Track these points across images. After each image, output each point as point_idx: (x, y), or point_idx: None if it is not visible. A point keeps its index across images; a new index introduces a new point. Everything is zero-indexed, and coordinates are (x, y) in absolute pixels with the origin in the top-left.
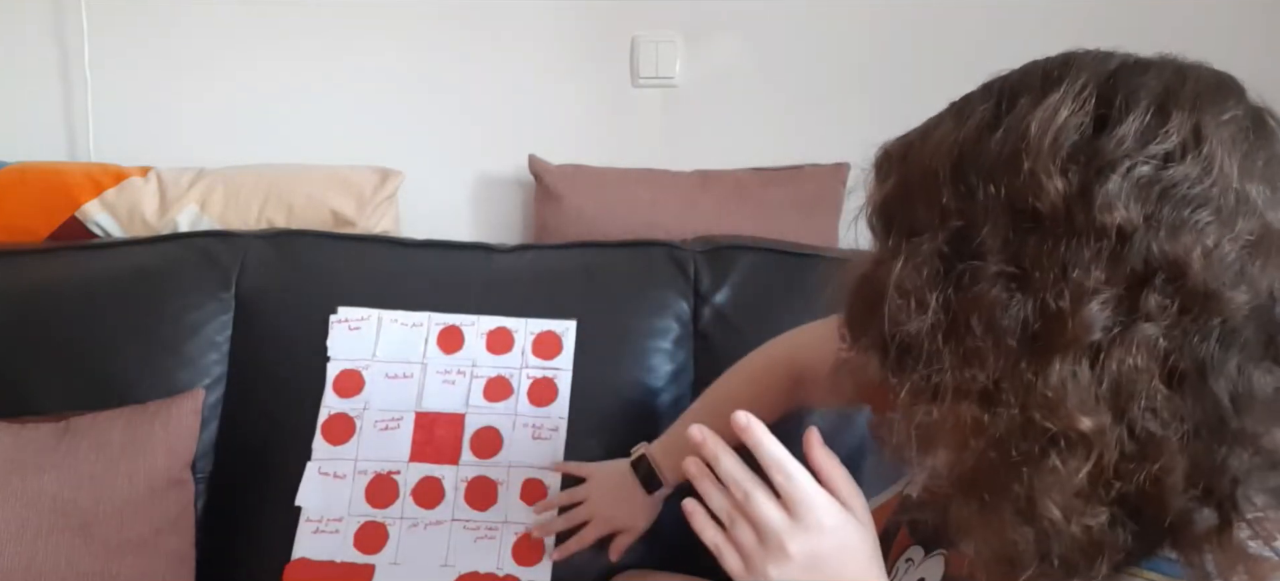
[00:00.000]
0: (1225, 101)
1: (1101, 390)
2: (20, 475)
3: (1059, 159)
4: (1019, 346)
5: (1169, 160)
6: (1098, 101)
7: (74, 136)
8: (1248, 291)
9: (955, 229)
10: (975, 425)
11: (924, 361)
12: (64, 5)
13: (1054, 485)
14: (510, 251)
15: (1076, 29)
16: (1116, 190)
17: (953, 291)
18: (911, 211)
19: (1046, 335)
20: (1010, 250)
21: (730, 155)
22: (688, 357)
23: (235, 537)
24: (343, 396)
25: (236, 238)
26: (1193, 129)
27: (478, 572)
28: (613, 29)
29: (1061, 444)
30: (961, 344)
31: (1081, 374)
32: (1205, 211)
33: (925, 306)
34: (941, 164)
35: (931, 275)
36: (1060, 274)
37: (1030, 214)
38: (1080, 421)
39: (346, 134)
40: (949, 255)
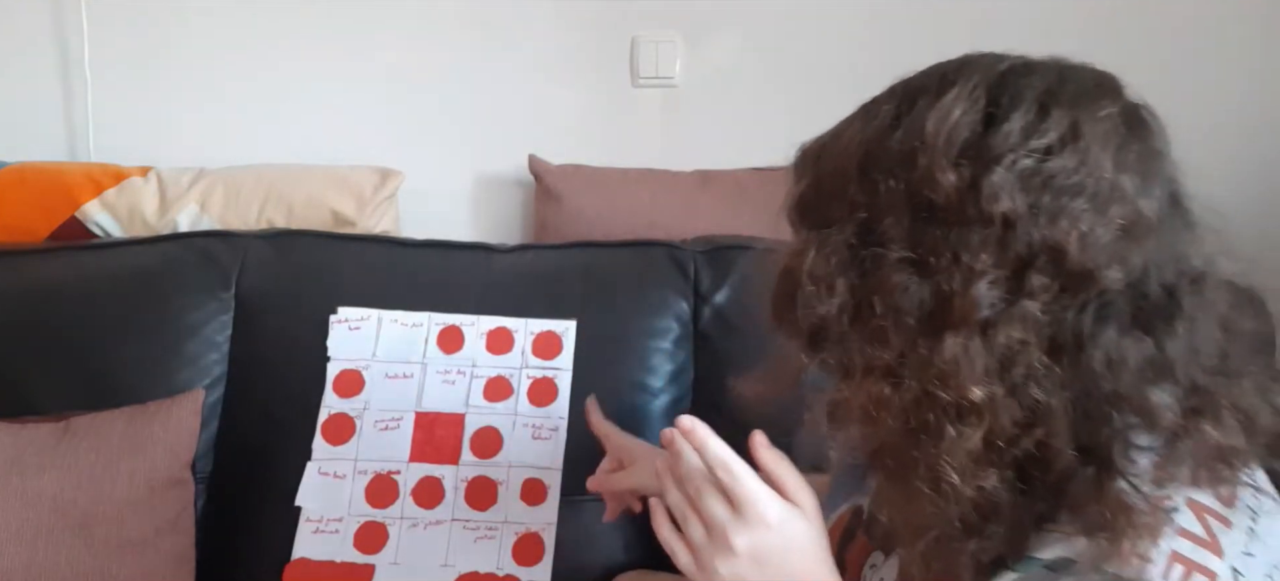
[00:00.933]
0: (1101, 100)
1: (990, 363)
2: (20, 475)
3: (952, 154)
4: (917, 325)
5: (1049, 153)
6: (987, 101)
7: (74, 136)
8: (1121, 270)
9: (861, 220)
10: (881, 400)
11: (834, 342)
12: (64, 5)
13: (951, 452)
14: (510, 251)
15: (1075, 29)
16: (1002, 182)
17: (857, 277)
18: (823, 206)
19: (940, 314)
20: (910, 238)
21: (730, 155)
22: (688, 358)
23: (235, 537)
24: (343, 396)
25: (236, 238)
26: (1071, 125)
27: (478, 572)
28: (613, 29)
29: (956, 413)
30: (867, 325)
31: (973, 348)
32: (1081, 199)
33: (834, 291)
34: (849, 161)
35: (839, 263)
36: (953, 259)
37: (926, 205)
38: (972, 392)
39: (346, 134)
40: (855, 244)
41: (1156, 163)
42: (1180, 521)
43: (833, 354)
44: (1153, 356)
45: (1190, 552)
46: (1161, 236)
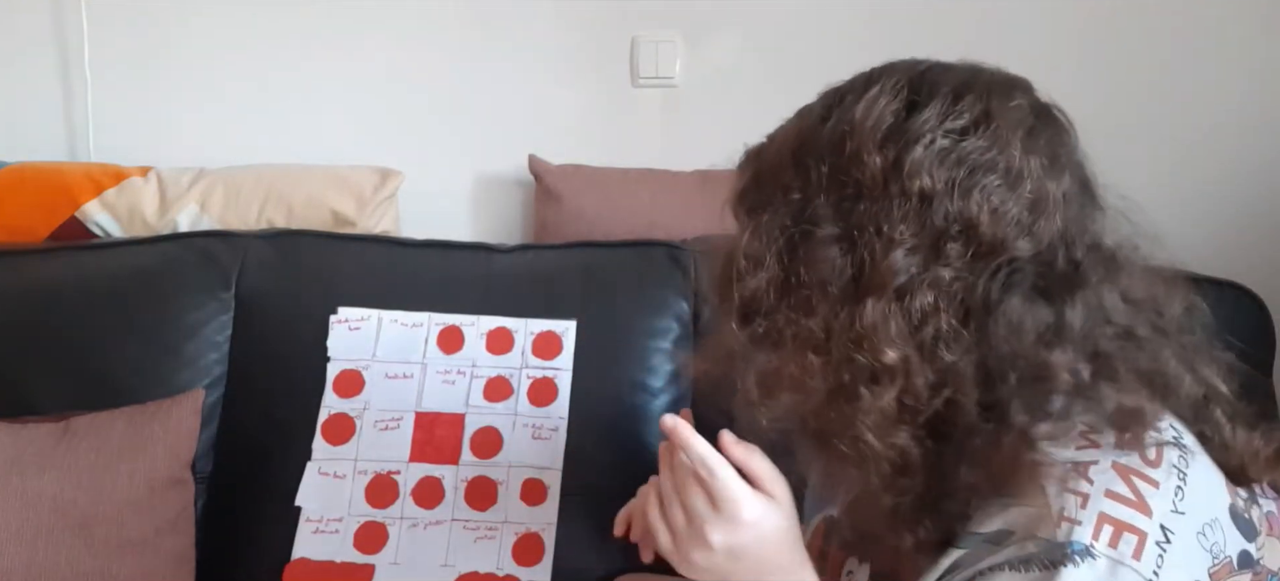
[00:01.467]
0: (1012, 93)
1: (904, 326)
2: (20, 475)
3: (877, 139)
4: (840, 294)
5: (964, 134)
6: (908, 92)
7: (74, 136)
8: (1028, 242)
9: (794, 202)
10: (808, 368)
11: (764, 313)
12: (64, 5)
13: (867, 412)
14: (510, 251)
15: (1076, 30)
16: (921, 160)
17: (788, 254)
18: (761, 194)
19: (862, 281)
20: (837, 216)
21: (730, 155)
22: (688, 358)
23: (235, 537)
24: (343, 396)
25: (236, 238)
26: (983, 111)
27: (478, 572)
28: (613, 29)
29: (872, 376)
30: (795, 297)
31: (890, 312)
32: (993, 176)
33: (765, 267)
34: (784, 152)
35: (771, 241)
36: (875, 232)
37: (853, 185)
38: (887, 354)
39: (346, 134)
40: (788, 225)
41: (1064, 149)
42: (1106, 484)
43: (764, 326)
44: (1052, 322)
45: (1118, 513)
46: (1069, 215)
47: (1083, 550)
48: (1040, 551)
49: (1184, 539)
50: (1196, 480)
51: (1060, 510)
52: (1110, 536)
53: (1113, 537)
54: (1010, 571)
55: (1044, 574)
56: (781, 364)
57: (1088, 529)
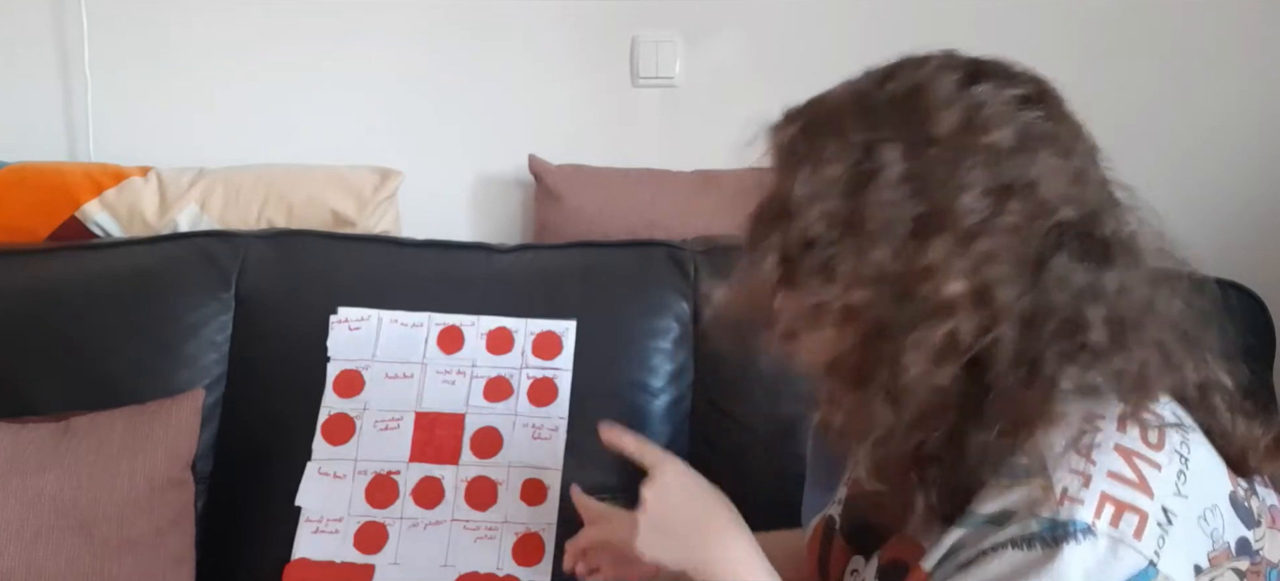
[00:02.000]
0: (1051, 85)
1: (967, 265)
2: (20, 475)
3: (945, 96)
4: (907, 232)
5: (1023, 104)
6: (961, 70)
7: (74, 136)
8: (1075, 209)
9: (859, 143)
10: (862, 302)
11: (824, 246)
12: (64, 5)
13: (918, 347)
14: (510, 251)
15: (1075, 29)
16: (991, 118)
17: (849, 189)
18: (814, 141)
19: (931, 222)
20: (908, 159)
21: (730, 155)
22: (688, 357)
23: (235, 537)
24: (343, 396)
25: (236, 238)
26: (1037, 89)
27: (478, 573)
28: (613, 29)
29: (931, 311)
30: (860, 234)
31: (954, 252)
32: (1049, 145)
33: (822, 201)
34: (845, 106)
35: (831, 180)
36: (947, 177)
37: (925, 136)
38: (949, 288)
39: (346, 134)
40: (854, 164)
41: (1092, 142)
42: (1109, 464)
43: (816, 261)
44: (1093, 282)
45: (1120, 493)
46: (1102, 195)
47: (1084, 528)
48: (1042, 529)
49: (1185, 521)
50: (1198, 465)
51: (1063, 489)
52: (1112, 515)
53: (1114, 517)
54: (1013, 549)
55: (1046, 551)
56: (830, 299)
57: (1089, 507)
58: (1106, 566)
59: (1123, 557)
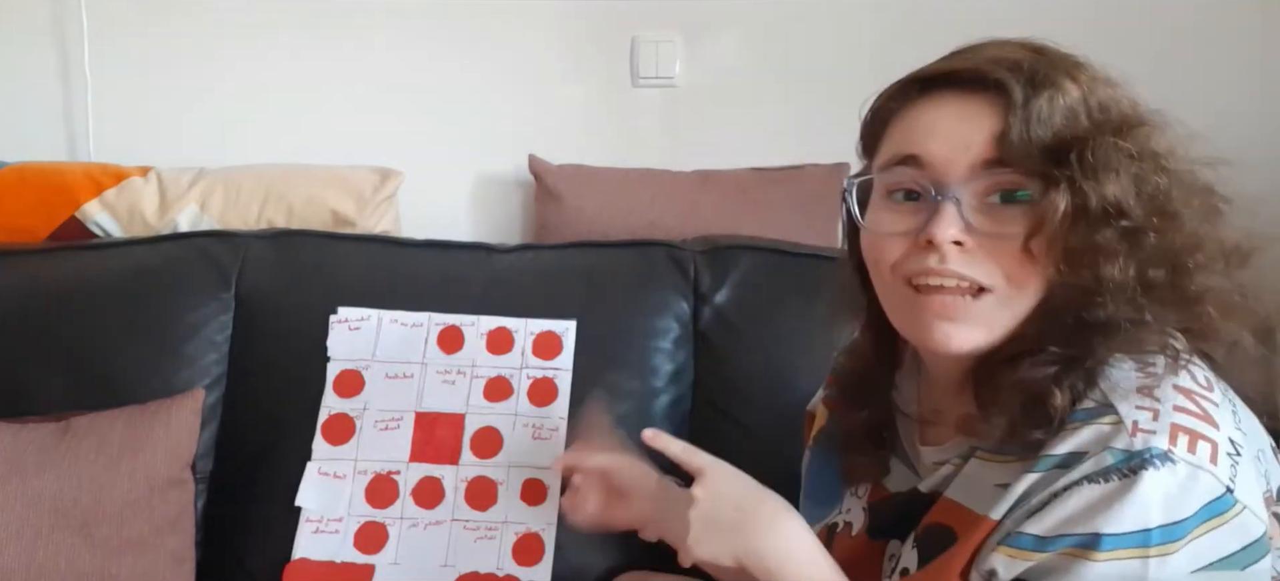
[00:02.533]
0: None
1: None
2: (20, 475)
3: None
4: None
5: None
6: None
7: (74, 136)
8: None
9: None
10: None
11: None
12: (64, 5)
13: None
14: (510, 251)
15: (1074, 30)
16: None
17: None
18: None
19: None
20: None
21: (730, 155)
22: (688, 357)
23: (235, 537)
24: (343, 396)
25: (236, 238)
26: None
27: (478, 572)
28: (613, 29)
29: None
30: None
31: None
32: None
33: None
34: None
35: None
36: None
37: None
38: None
39: (346, 134)
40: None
41: None
42: (1174, 400)
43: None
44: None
45: (1189, 424)
46: None
47: (1161, 454)
48: (1117, 461)
49: (1249, 456)
50: (1243, 410)
51: (1134, 422)
52: (1187, 443)
53: (1190, 444)
54: (1089, 485)
55: (1124, 481)
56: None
57: (1163, 436)
58: (1187, 491)
59: (1202, 482)
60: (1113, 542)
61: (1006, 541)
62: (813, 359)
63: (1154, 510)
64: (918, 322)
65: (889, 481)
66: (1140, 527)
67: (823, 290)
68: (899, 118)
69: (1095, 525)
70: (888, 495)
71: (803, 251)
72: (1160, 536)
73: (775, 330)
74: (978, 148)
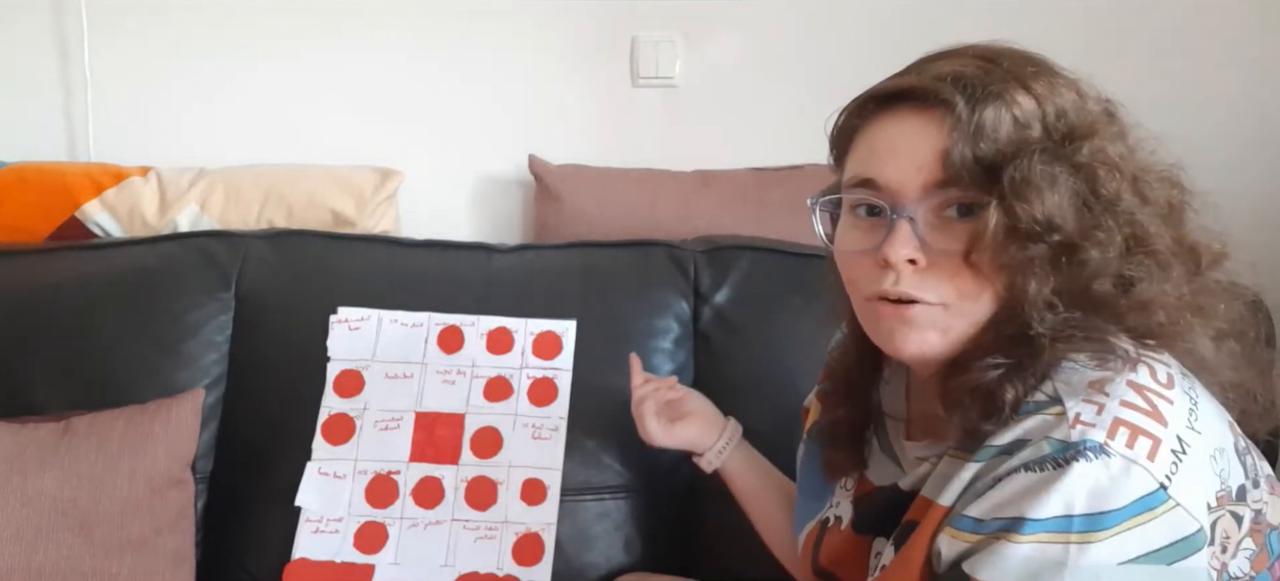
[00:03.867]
0: None
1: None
2: (20, 475)
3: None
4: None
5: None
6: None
7: (74, 136)
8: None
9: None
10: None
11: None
12: (64, 5)
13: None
14: (510, 251)
15: (1074, 30)
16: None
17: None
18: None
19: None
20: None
21: (730, 155)
22: (688, 357)
23: (235, 537)
24: (343, 396)
25: (236, 238)
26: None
27: (478, 573)
28: (613, 29)
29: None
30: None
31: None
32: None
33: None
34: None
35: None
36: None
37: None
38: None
39: (346, 134)
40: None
41: None
42: (1122, 395)
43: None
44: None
45: (1134, 419)
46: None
47: (1097, 447)
48: (1053, 450)
49: (1198, 455)
50: (1206, 408)
51: (1076, 414)
52: (1127, 438)
53: (1129, 439)
54: (1026, 472)
55: (1056, 470)
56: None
57: (1102, 430)
58: (1116, 484)
59: (1134, 477)
60: (1035, 526)
61: (950, 521)
62: (813, 359)
63: (1078, 499)
64: (879, 331)
65: (874, 476)
66: (1062, 513)
67: (822, 290)
68: (861, 134)
69: (1022, 509)
70: (872, 489)
71: (803, 251)
72: (1082, 524)
73: (775, 330)
74: (928, 168)
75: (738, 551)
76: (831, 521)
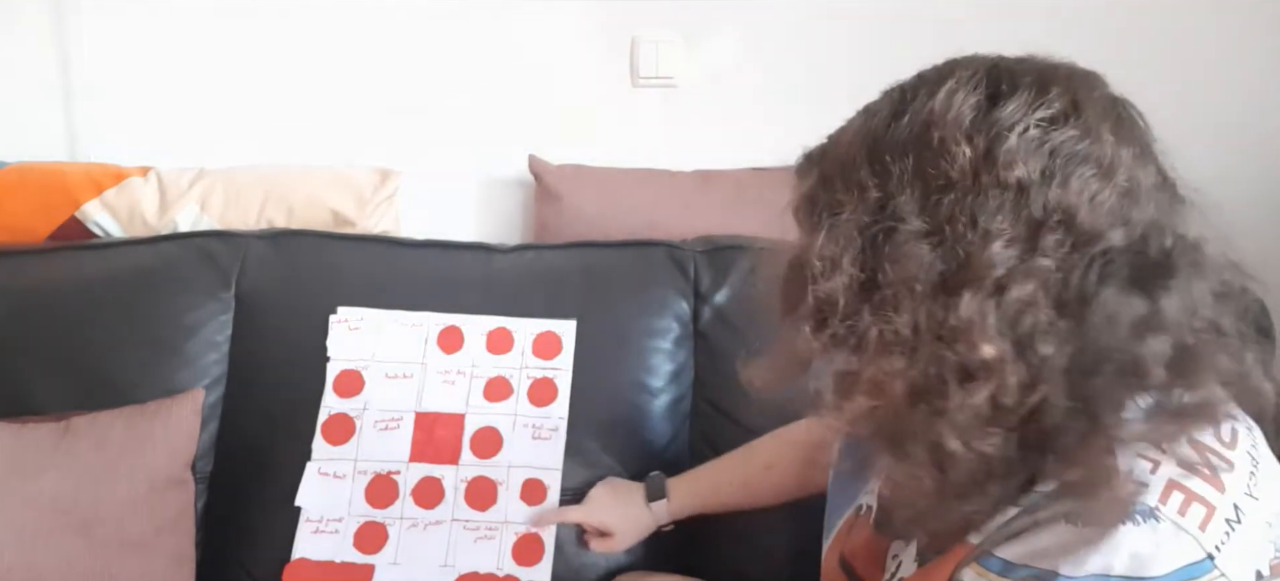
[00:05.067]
0: (1093, 84)
1: (1002, 321)
2: (20, 475)
3: (964, 129)
4: (929, 291)
5: (1053, 124)
6: (987, 84)
7: (74, 136)
8: (1123, 231)
9: (872, 201)
10: (891, 371)
11: (842, 316)
12: (64, 5)
13: (958, 413)
14: (510, 251)
15: (1078, 30)
16: (1015, 149)
17: (870, 252)
18: (831, 195)
19: (956, 276)
20: (923, 211)
21: (730, 155)
22: (688, 357)
23: (235, 537)
24: (342, 396)
25: (236, 238)
26: (1071, 101)
27: (478, 573)
28: (613, 29)
29: (966, 373)
30: (879, 296)
31: (986, 307)
32: (1088, 166)
33: (842, 268)
34: (856, 151)
35: (850, 242)
36: (969, 223)
37: (941, 178)
38: (984, 349)
39: (346, 134)
40: (867, 223)
41: (1148, 139)
42: (1181, 454)
43: (843, 330)
44: (1147, 314)
45: (1190, 484)
46: (1158, 204)
47: (1146, 511)
48: (1100, 506)
49: (1253, 523)
50: (1267, 469)
51: (1128, 471)
52: (1180, 503)
53: (1182, 505)
54: (1066, 524)
55: (1100, 529)
56: (861, 367)
57: (1155, 492)
58: (1161, 551)
59: (1181, 544)
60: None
61: (979, 558)
62: None
63: (1118, 562)
64: None
65: None
66: (1100, 574)
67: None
68: None
69: (1057, 564)
70: (898, 492)
71: None
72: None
73: (775, 330)
74: None
75: (738, 551)
76: (863, 510)
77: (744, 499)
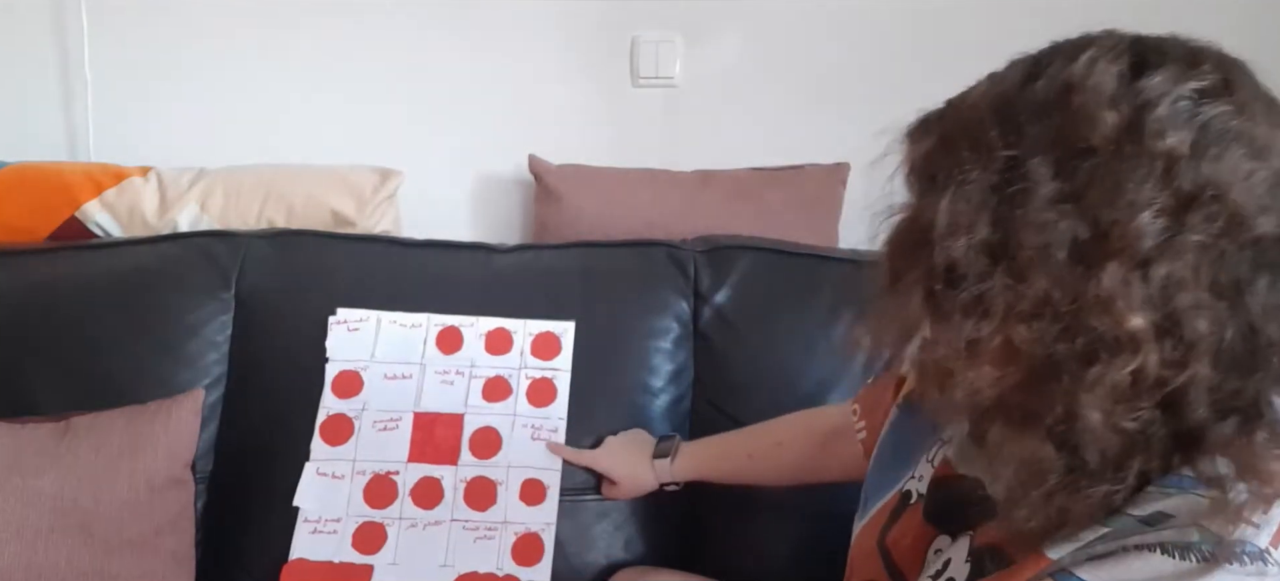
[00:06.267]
0: (1243, 66)
1: (1150, 294)
2: (20, 475)
3: (1107, 95)
4: (1068, 258)
5: (1204, 97)
6: (1131, 54)
7: (74, 136)
8: (1274, 220)
9: (1004, 160)
10: (1023, 338)
11: (974, 279)
12: (64, 5)
13: (1097, 388)
14: (510, 251)
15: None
16: (1166, 118)
17: (1003, 215)
18: (955, 156)
19: (1098, 245)
20: (1063, 176)
21: (730, 155)
22: (688, 357)
23: (235, 537)
24: (341, 397)
25: (236, 238)
26: (1223, 79)
27: (477, 573)
28: (613, 29)
29: (1108, 346)
30: (1013, 261)
31: (1132, 279)
32: (1241, 145)
33: (975, 230)
34: (985, 113)
35: (981, 204)
36: (1113, 192)
37: (1082, 144)
38: (1130, 320)
39: (346, 134)
40: (999, 184)
41: None
42: None
43: (970, 296)
44: None
45: None
46: None
47: (1256, 553)
48: (1203, 541)
49: None
50: None
51: (1239, 505)
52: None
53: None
54: (1163, 554)
55: (1201, 565)
56: (988, 334)
57: (1267, 533)
58: None
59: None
60: None
61: (1056, 574)
62: (813, 359)
63: None
64: None
65: (959, 462)
66: None
67: (822, 290)
68: None
69: None
70: (953, 474)
71: (803, 251)
72: None
73: (775, 330)
74: None
75: (738, 550)
76: (914, 498)
77: (748, 472)
